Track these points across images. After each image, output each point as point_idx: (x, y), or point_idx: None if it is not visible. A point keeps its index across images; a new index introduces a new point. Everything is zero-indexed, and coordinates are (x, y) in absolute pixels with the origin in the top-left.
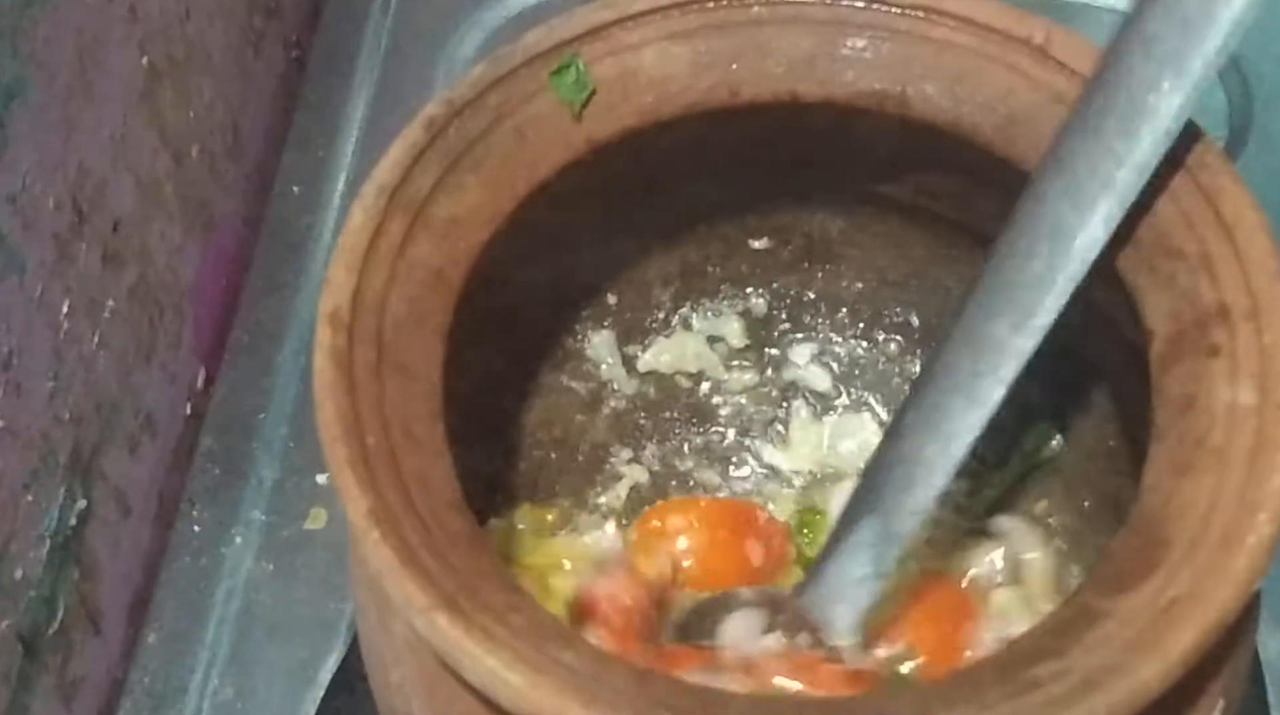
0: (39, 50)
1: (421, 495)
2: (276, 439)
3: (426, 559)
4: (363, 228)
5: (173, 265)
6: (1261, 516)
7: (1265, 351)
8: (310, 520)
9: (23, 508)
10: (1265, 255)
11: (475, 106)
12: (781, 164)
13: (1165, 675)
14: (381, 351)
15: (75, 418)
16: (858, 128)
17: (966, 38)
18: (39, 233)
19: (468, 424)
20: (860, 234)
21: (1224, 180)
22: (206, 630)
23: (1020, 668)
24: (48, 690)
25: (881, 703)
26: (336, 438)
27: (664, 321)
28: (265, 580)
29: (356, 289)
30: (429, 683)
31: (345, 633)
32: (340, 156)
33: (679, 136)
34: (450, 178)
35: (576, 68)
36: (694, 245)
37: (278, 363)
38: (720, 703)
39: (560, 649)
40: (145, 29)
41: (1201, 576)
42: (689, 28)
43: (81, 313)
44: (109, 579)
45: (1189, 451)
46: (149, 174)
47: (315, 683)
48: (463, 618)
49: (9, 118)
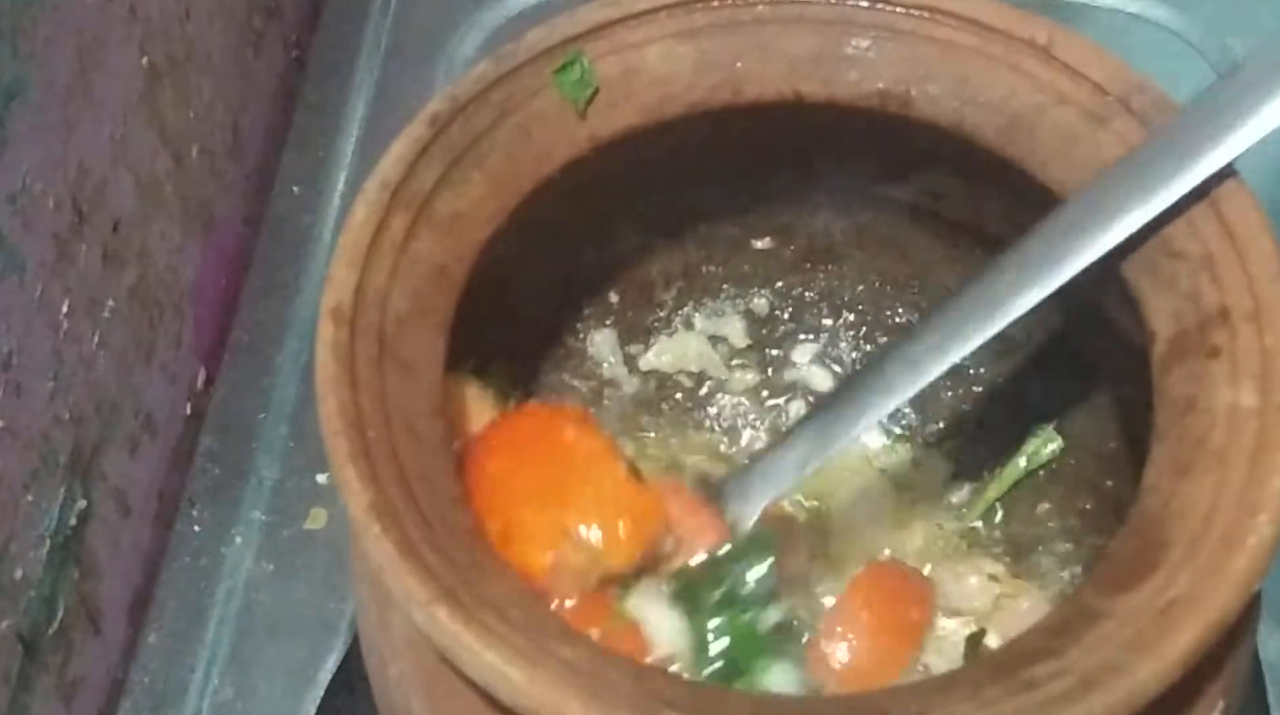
0: (39, 50)
1: (423, 490)
2: (276, 439)
3: (427, 553)
4: (365, 223)
5: (173, 265)
6: (1262, 517)
7: (1266, 353)
8: (310, 520)
9: (23, 508)
10: (1267, 257)
11: (479, 103)
12: (784, 163)
13: (1164, 676)
14: (383, 347)
15: (75, 418)
16: (861, 128)
17: (970, 38)
18: (39, 233)
19: None
20: (862, 234)
21: (1226, 181)
22: (206, 630)
23: (1019, 667)
24: (48, 690)
25: (882, 703)
26: (338, 432)
27: (666, 321)
28: (265, 580)
29: (359, 284)
30: (428, 678)
31: (345, 633)
32: (340, 156)
33: (682, 135)
34: (454, 174)
35: (581, 65)
36: (696, 244)
37: (278, 363)
38: (718, 699)
39: (559, 644)
40: (145, 29)
41: (1201, 577)
42: (693, 26)
43: (81, 313)
44: (109, 579)
45: (1190, 452)
46: (149, 174)
47: (315, 683)
48: (463, 612)
49: (9, 118)
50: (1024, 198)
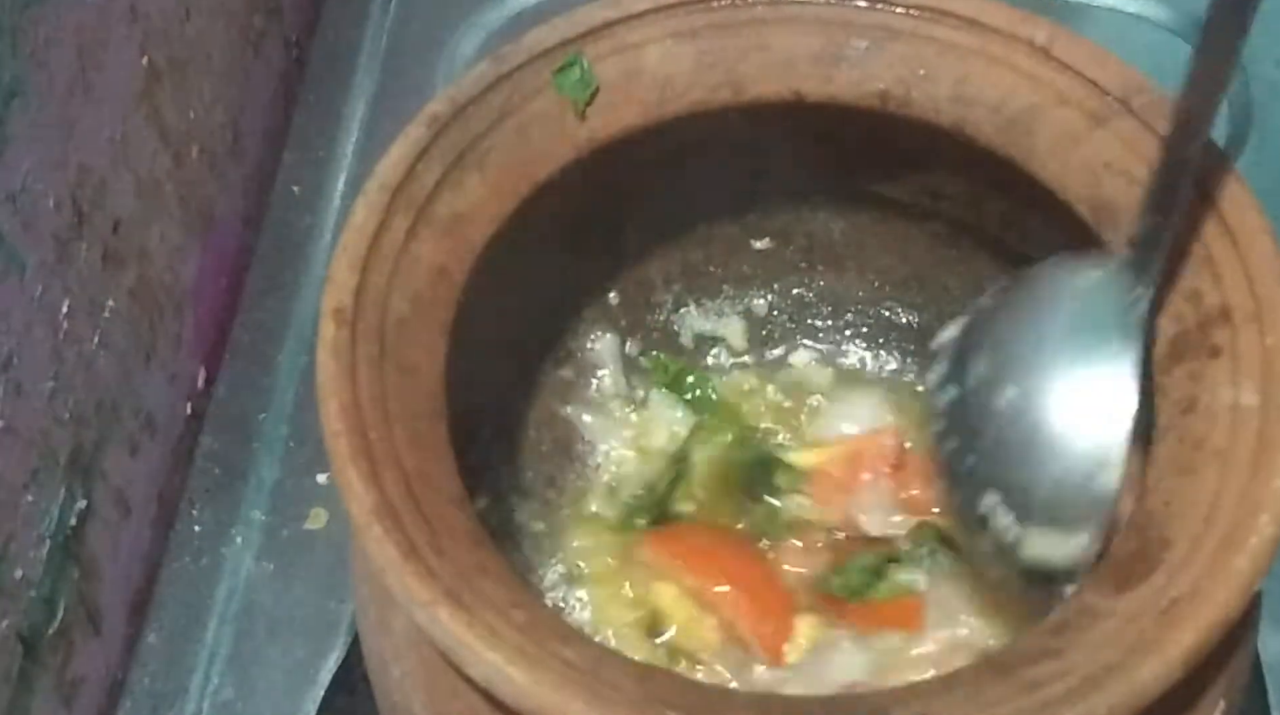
0: (39, 50)
1: (424, 491)
2: (276, 439)
3: (428, 554)
4: (366, 224)
5: (173, 265)
6: (1263, 517)
7: (1267, 353)
8: (310, 520)
9: (23, 508)
10: (1268, 257)
11: (479, 104)
12: (784, 164)
13: (1166, 676)
14: (384, 348)
15: (75, 418)
16: (860, 128)
17: (969, 39)
18: (39, 233)
19: (469, 420)
20: (862, 235)
21: (1226, 182)
22: (206, 630)
23: (1020, 668)
24: (48, 690)
25: (882, 703)
26: (339, 433)
27: (665, 321)
28: (265, 580)
29: (359, 285)
30: (430, 678)
31: (345, 633)
32: (340, 156)
33: (682, 136)
34: (453, 175)
35: (580, 66)
36: (696, 245)
37: (278, 363)
38: (721, 699)
39: (562, 645)
40: (145, 29)
41: (1202, 577)
42: (693, 27)
43: (81, 313)
44: (109, 579)
45: (1190, 452)
46: (149, 174)
47: (315, 683)
48: (465, 613)
49: (9, 118)
50: (1024, 198)
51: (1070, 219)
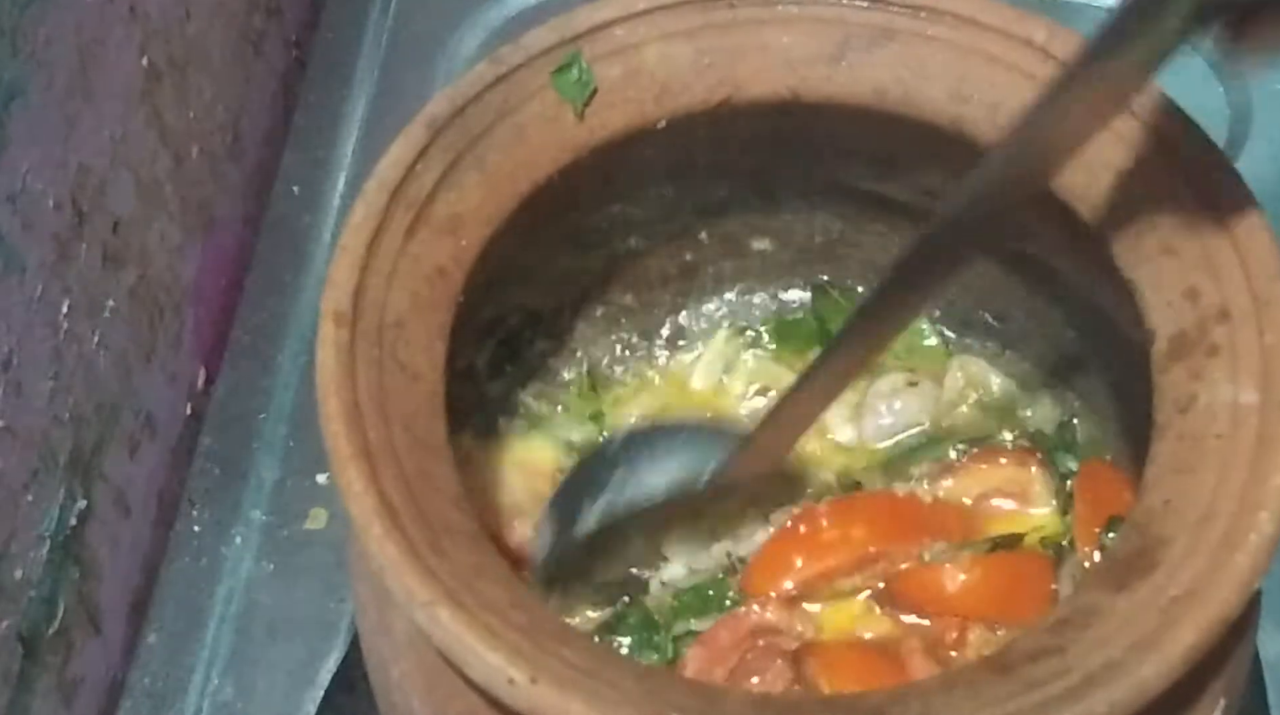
0: (39, 50)
1: (423, 491)
2: (276, 439)
3: (428, 554)
4: (365, 224)
5: (173, 265)
6: (1263, 515)
7: (1266, 351)
8: (310, 520)
9: (23, 508)
10: (1266, 255)
11: (477, 104)
12: (782, 163)
13: (1166, 674)
14: (384, 348)
15: (75, 418)
16: (859, 127)
17: (968, 37)
18: (39, 233)
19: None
20: (861, 234)
21: (1225, 180)
22: (206, 630)
23: (1020, 666)
24: (48, 690)
25: (882, 702)
26: (339, 433)
27: (664, 321)
28: (265, 580)
29: (359, 285)
30: (429, 678)
31: (345, 633)
32: (340, 156)
33: (681, 135)
34: (452, 175)
35: (579, 66)
36: (696, 244)
37: (278, 363)
38: (719, 699)
39: (561, 645)
40: (145, 29)
41: (1202, 575)
42: (691, 27)
43: (81, 313)
44: (109, 579)
45: (1189, 450)
46: (149, 174)
47: (315, 683)
48: (465, 613)
49: (9, 118)
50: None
51: (1068, 217)
